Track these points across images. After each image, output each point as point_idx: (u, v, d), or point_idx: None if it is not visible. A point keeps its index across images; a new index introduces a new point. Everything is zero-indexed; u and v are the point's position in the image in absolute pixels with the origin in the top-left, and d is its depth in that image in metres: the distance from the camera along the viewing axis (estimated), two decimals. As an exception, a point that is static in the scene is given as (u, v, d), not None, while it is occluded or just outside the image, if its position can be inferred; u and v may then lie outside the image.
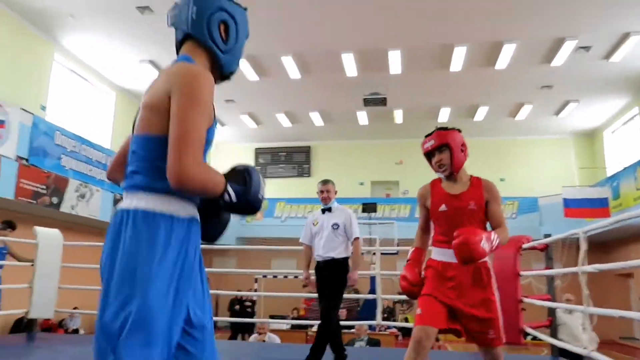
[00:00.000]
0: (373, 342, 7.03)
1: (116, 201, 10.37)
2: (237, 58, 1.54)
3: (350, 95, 12.78)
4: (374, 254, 6.18)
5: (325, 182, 4.18)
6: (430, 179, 2.67)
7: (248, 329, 10.45)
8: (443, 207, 2.40)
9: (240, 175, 1.39)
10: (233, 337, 10.81)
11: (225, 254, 15.26)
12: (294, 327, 10.12)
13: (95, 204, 9.66)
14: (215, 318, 12.05)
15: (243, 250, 14.55)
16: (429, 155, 2.52)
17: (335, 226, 4.03)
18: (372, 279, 9.01)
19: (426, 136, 2.53)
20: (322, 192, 4.13)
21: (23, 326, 6.70)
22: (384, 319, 6.31)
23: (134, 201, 1.33)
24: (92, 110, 12.26)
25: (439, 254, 2.42)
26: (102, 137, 12.01)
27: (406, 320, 10.83)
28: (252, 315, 11.86)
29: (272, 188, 16.83)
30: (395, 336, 9.15)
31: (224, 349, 5.71)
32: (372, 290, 8.11)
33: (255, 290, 11.83)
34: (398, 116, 14.45)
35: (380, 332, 8.91)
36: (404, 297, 10.76)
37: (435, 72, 11.58)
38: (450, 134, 2.46)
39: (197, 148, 1.26)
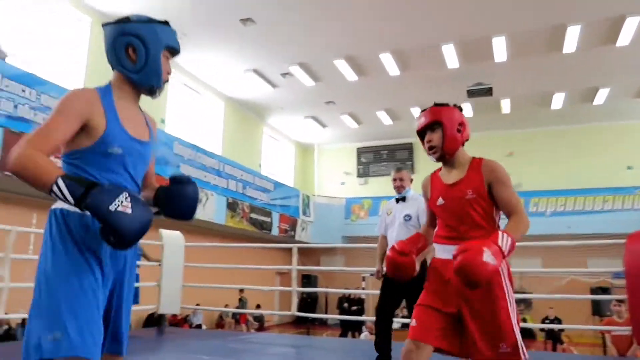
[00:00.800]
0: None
1: (229, 205, 11.01)
2: (153, 72, 1.58)
3: (453, 88, 12.36)
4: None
5: (398, 169, 3.90)
6: (548, 170, 2.40)
7: (358, 327, 10.52)
8: (440, 201, 2.05)
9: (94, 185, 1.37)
10: (343, 334, 10.97)
11: (333, 253, 15.52)
12: (404, 325, 10.00)
13: (210, 207, 10.33)
14: (324, 315, 12.31)
15: (350, 249, 14.68)
16: (422, 135, 2.13)
17: (407, 217, 3.68)
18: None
19: (421, 111, 2.15)
20: (395, 180, 3.83)
21: (154, 321, 7.35)
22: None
23: None
24: (204, 120, 13.13)
25: (439, 251, 2.08)
26: (214, 145, 12.82)
27: (524, 320, 10.22)
28: (360, 313, 11.93)
29: (375, 187, 16.82)
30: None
31: (336, 347, 5.81)
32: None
33: (363, 289, 11.88)
34: (505, 106, 13.71)
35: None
36: (520, 296, 10.18)
37: (545, 55, 10.80)
38: (445, 110, 2.08)
39: (37, 139, 1.38)
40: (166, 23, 1.63)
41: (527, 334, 10.29)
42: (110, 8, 9.32)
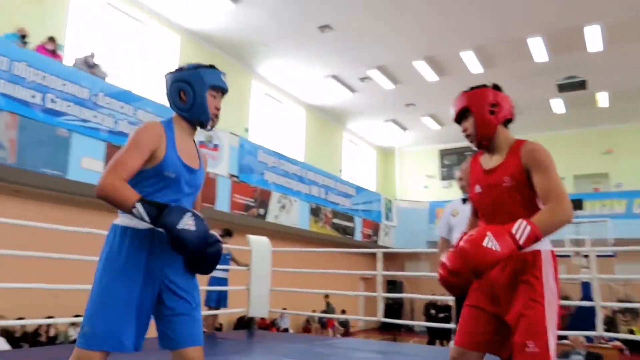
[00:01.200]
0: (594, 356, 6.24)
1: (312, 210, 11.16)
2: (200, 109, 1.84)
3: (542, 83, 11.70)
4: (586, 256, 5.49)
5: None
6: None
7: (446, 335, 10.21)
8: (477, 188, 1.90)
9: (165, 208, 1.64)
10: (430, 342, 10.69)
11: (417, 258, 15.23)
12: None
13: (294, 213, 10.53)
14: (411, 322, 12.08)
15: (435, 254, 14.32)
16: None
17: None
18: (584, 284, 8.03)
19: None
20: (460, 179, 3.59)
21: (244, 323, 7.62)
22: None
23: None
24: (286, 127, 13.46)
25: None
26: (296, 152, 13.09)
27: (631, 332, 9.40)
28: (448, 320, 11.57)
29: (457, 190, 16.28)
30: (619, 350, 7.98)
31: (423, 354, 5.67)
32: (585, 298, 7.23)
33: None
34: (602, 99, 12.73)
35: (601, 345, 7.87)
36: (625, 305, 9.37)
37: (647, 42, 9.92)
38: (473, 94, 1.89)
39: (117, 169, 1.67)
40: (212, 67, 1.89)
41: (636, 347, 9.42)
42: (198, 25, 9.86)
